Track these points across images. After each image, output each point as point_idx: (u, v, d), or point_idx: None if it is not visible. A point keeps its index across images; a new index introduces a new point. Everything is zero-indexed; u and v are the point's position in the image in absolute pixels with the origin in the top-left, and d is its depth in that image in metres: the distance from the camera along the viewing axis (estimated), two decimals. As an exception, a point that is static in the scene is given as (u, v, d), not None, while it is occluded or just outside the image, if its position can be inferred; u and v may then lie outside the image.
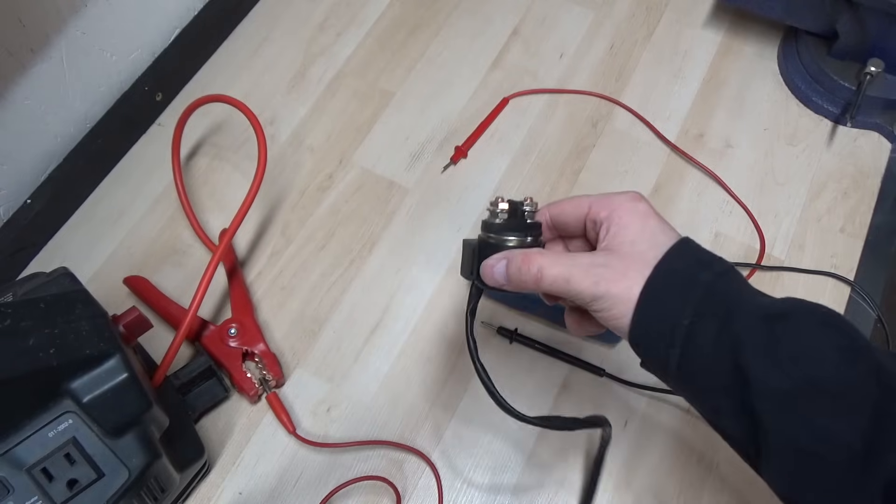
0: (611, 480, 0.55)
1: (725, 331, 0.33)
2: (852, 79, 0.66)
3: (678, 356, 0.34)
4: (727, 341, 0.33)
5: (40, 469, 0.42)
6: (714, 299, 0.34)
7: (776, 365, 0.32)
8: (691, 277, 0.35)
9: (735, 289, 0.35)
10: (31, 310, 0.43)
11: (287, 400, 0.57)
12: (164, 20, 0.71)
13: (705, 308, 0.34)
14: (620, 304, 0.35)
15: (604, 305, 0.35)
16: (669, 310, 0.34)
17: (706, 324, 0.33)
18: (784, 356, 0.32)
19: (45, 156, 0.65)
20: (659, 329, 0.34)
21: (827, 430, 0.31)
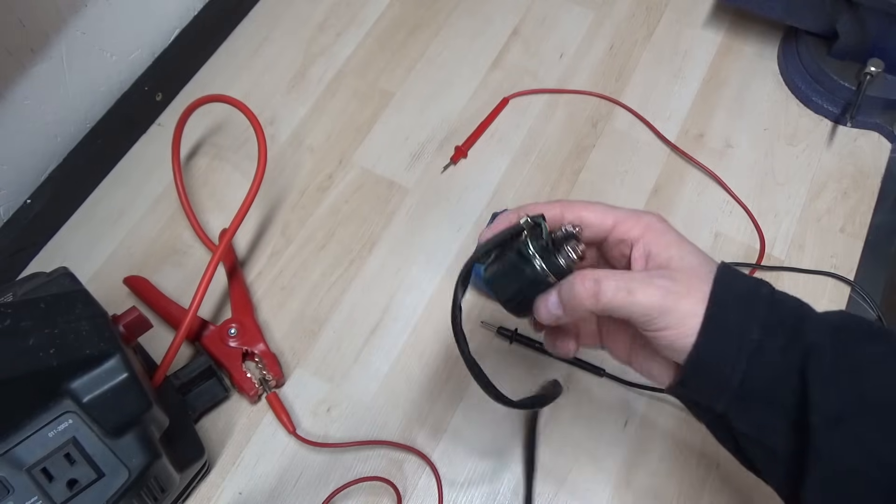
0: (611, 480, 0.55)
1: (794, 345, 0.32)
2: (852, 79, 0.66)
3: (742, 372, 0.33)
4: (796, 355, 0.32)
5: (40, 469, 0.42)
6: (779, 313, 0.33)
7: (838, 381, 0.31)
8: (753, 292, 0.34)
9: (796, 303, 0.34)
10: (31, 310, 0.43)
11: (287, 400, 0.57)
12: (164, 20, 0.71)
13: (772, 322, 0.33)
14: (688, 319, 0.33)
15: (669, 322, 0.33)
16: (736, 325, 0.33)
17: (775, 338, 0.32)
18: (846, 372, 0.31)
19: (45, 156, 0.65)
20: (726, 345, 0.33)
21: (881, 452, 0.30)
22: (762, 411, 0.33)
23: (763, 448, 0.34)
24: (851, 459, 0.31)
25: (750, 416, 0.33)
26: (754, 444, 0.34)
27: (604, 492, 0.54)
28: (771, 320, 0.33)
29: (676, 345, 0.33)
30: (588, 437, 0.56)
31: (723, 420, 0.34)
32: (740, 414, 0.34)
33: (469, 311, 0.61)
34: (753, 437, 0.34)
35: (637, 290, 0.33)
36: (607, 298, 0.33)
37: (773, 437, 0.33)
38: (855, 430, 0.31)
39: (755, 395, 0.33)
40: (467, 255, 0.62)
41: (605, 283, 0.34)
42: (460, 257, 0.63)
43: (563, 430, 0.56)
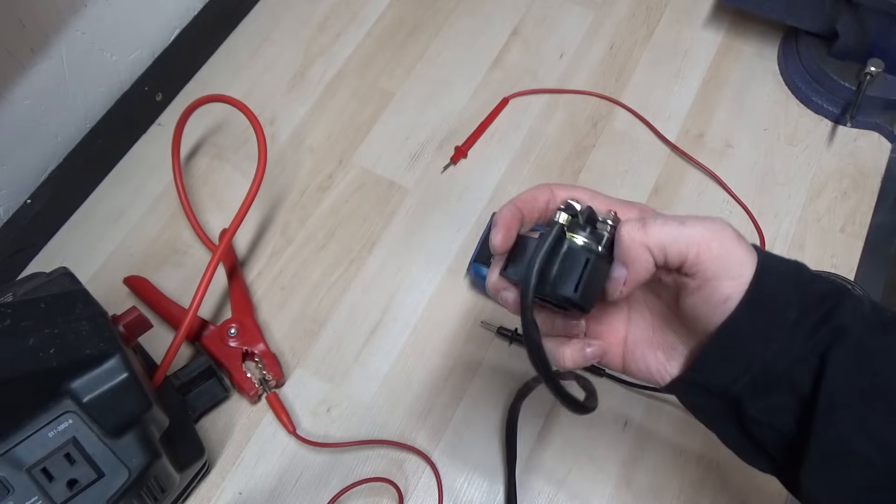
0: (611, 481, 0.55)
1: (824, 327, 0.32)
2: (852, 79, 0.66)
3: (774, 352, 0.32)
4: (824, 338, 0.32)
5: (40, 469, 0.42)
6: (817, 295, 0.33)
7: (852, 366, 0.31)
8: (795, 272, 0.33)
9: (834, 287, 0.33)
10: (31, 310, 0.43)
11: (287, 400, 0.57)
12: (164, 20, 0.71)
13: (810, 303, 0.32)
14: (745, 267, 0.32)
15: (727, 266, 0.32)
16: (778, 300, 0.32)
17: (809, 320, 0.32)
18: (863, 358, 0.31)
19: (45, 156, 0.65)
20: (766, 319, 0.32)
21: (881, 437, 0.30)
22: (777, 392, 0.32)
23: (773, 431, 0.33)
24: (853, 443, 0.31)
25: (765, 399, 0.33)
26: (765, 429, 0.33)
27: (604, 492, 0.54)
28: (810, 301, 0.32)
29: (731, 301, 0.32)
30: (588, 437, 0.56)
31: (732, 406, 0.34)
32: (756, 396, 0.33)
33: (469, 312, 0.61)
34: (764, 421, 0.33)
35: (688, 221, 0.32)
36: (655, 229, 0.32)
37: (785, 419, 0.32)
38: (859, 413, 0.31)
39: (776, 376, 0.32)
40: (467, 254, 0.62)
41: (650, 219, 0.33)
42: (460, 257, 0.63)
43: (563, 431, 0.56)
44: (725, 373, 0.33)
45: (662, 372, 0.36)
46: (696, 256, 0.32)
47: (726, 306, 0.32)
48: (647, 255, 0.32)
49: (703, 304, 0.33)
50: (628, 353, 0.38)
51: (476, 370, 0.59)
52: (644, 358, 0.37)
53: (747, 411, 0.33)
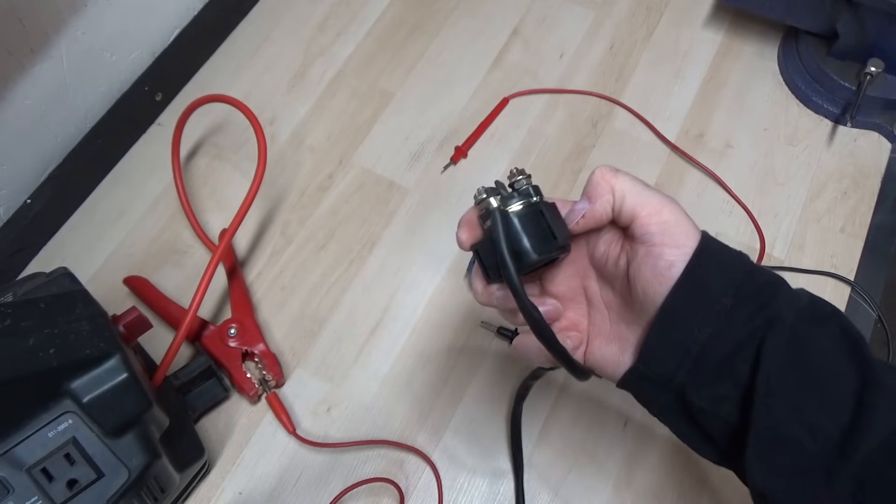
0: (611, 480, 0.55)
1: (759, 316, 0.33)
2: (852, 79, 0.66)
3: (707, 335, 0.33)
4: (759, 327, 0.33)
5: (40, 469, 0.42)
6: (754, 285, 0.34)
7: (787, 355, 0.32)
8: (735, 259, 0.35)
9: (773, 278, 0.35)
10: (31, 310, 0.43)
11: (287, 400, 0.57)
12: (164, 20, 0.71)
13: (747, 292, 0.33)
14: (689, 240, 0.34)
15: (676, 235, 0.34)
16: (713, 284, 0.34)
17: (744, 308, 0.33)
18: (797, 348, 0.33)
19: (45, 156, 0.65)
20: (700, 300, 0.34)
21: (813, 421, 0.32)
22: (719, 382, 0.34)
23: (719, 420, 0.34)
24: (788, 428, 0.32)
25: (707, 388, 0.34)
26: (711, 419, 0.34)
27: (604, 492, 0.54)
28: (746, 289, 0.34)
29: (673, 269, 0.34)
30: (588, 437, 0.56)
31: (679, 398, 0.35)
32: (698, 385, 0.34)
33: (469, 312, 0.61)
34: (710, 411, 0.34)
35: (650, 188, 0.35)
36: (622, 181, 0.35)
37: (728, 409, 0.34)
38: (793, 400, 0.32)
39: (714, 364, 0.34)
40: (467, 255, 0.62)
41: (621, 173, 0.36)
42: (460, 257, 0.63)
43: (564, 431, 0.56)
44: (667, 360, 0.35)
45: (618, 363, 0.38)
46: (648, 216, 0.35)
47: (670, 274, 0.34)
48: (610, 196, 0.35)
49: (650, 272, 0.34)
50: (589, 346, 0.40)
51: (476, 370, 0.59)
52: (601, 350, 0.39)
53: (693, 401, 0.34)
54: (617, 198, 0.35)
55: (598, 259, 0.39)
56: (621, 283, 0.37)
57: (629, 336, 0.38)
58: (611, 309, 0.39)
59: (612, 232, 0.38)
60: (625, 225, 0.36)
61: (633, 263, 0.36)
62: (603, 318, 0.39)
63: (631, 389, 0.38)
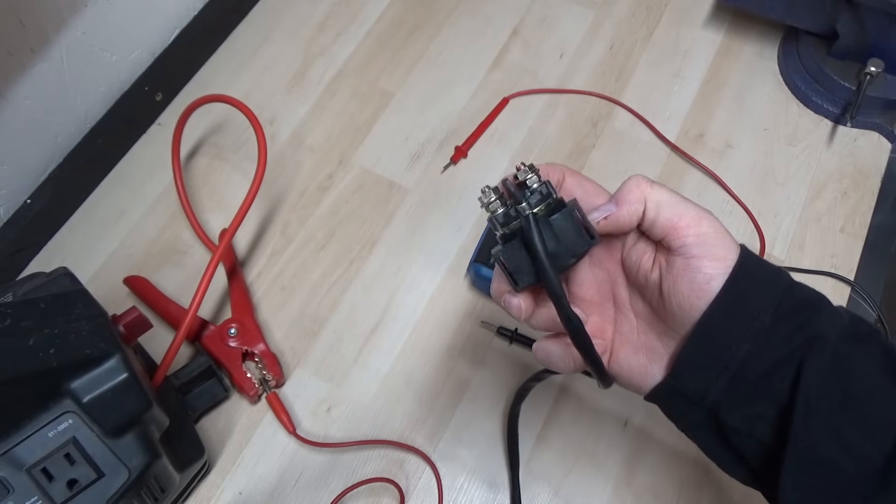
0: (611, 480, 0.55)
1: (800, 335, 0.32)
2: (852, 79, 0.66)
3: (746, 352, 0.32)
4: (800, 346, 0.32)
5: (40, 469, 0.42)
6: (795, 303, 0.33)
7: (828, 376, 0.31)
8: (775, 276, 0.34)
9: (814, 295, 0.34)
10: (31, 310, 0.43)
11: (287, 400, 0.57)
12: (164, 20, 0.71)
13: (787, 309, 0.33)
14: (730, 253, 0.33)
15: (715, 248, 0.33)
16: (753, 301, 0.33)
17: (785, 326, 0.32)
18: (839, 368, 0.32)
19: (45, 156, 0.65)
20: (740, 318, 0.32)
21: (854, 444, 0.31)
22: (756, 401, 0.33)
23: (753, 440, 0.33)
24: (826, 450, 0.31)
25: (742, 407, 0.33)
26: (744, 438, 0.33)
27: (604, 492, 0.54)
28: (786, 306, 0.33)
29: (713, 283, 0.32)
30: (588, 437, 0.56)
31: (712, 416, 0.34)
32: (733, 403, 0.33)
33: (469, 312, 0.61)
34: (743, 431, 0.33)
35: (689, 200, 0.34)
36: (658, 192, 0.34)
37: (763, 428, 0.33)
38: (832, 421, 0.31)
39: (751, 382, 0.33)
40: (467, 254, 0.62)
41: (657, 185, 0.34)
42: (460, 257, 0.63)
43: (564, 431, 0.56)
44: (702, 376, 0.34)
45: (644, 375, 0.36)
46: (686, 228, 0.33)
47: (709, 288, 0.33)
48: (639, 206, 0.34)
49: (687, 286, 0.33)
50: (613, 355, 0.38)
51: (476, 370, 0.59)
52: (627, 360, 0.37)
53: (727, 420, 0.33)
54: (650, 209, 0.34)
55: (629, 267, 0.37)
56: (653, 294, 0.36)
57: (659, 347, 0.36)
58: (640, 318, 0.38)
59: (645, 242, 0.36)
60: (659, 237, 0.34)
61: (669, 277, 0.34)
62: (631, 326, 0.38)
63: (660, 403, 0.36)
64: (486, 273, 0.58)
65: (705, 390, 0.33)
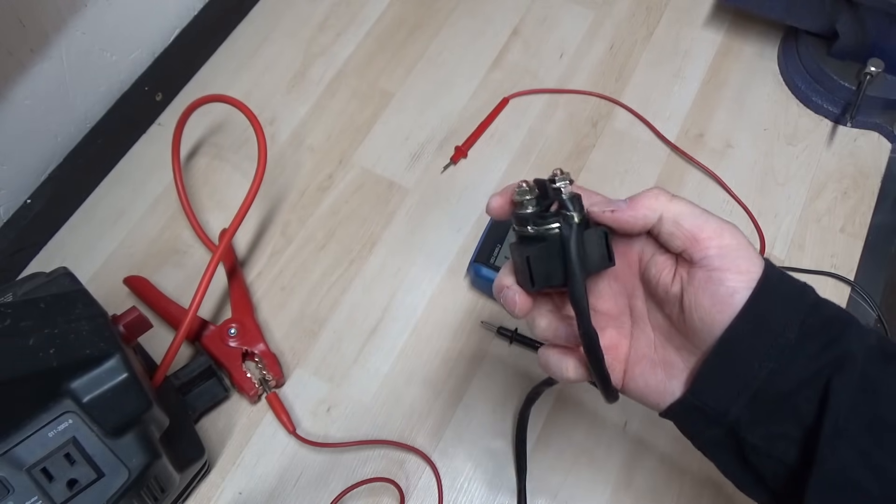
0: (611, 481, 0.55)
1: (827, 353, 0.31)
2: (852, 79, 0.66)
3: (769, 370, 0.31)
4: (827, 364, 0.31)
5: (40, 469, 0.42)
6: (821, 319, 0.32)
7: (857, 396, 0.31)
8: (799, 292, 0.33)
9: (840, 312, 0.33)
10: (31, 310, 0.43)
11: (287, 400, 0.57)
12: (164, 20, 0.71)
13: (812, 327, 0.32)
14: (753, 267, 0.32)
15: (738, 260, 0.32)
16: (777, 319, 0.32)
17: (811, 344, 0.32)
18: (868, 389, 0.31)
19: (45, 156, 0.65)
20: (762, 335, 0.32)
21: (883, 467, 0.30)
22: (778, 420, 0.32)
23: (773, 461, 0.32)
24: (854, 473, 0.30)
25: (764, 426, 0.32)
26: (764, 458, 0.33)
27: (604, 492, 0.54)
28: (811, 324, 0.32)
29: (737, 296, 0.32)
30: (588, 439, 0.56)
31: (731, 435, 0.33)
32: (754, 422, 0.32)
33: (469, 312, 0.61)
34: (763, 450, 0.32)
35: (711, 213, 0.33)
36: (679, 204, 0.33)
37: (786, 449, 0.32)
38: (861, 443, 0.30)
39: (774, 401, 0.32)
40: (467, 254, 0.62)
41: (677, 198, 0.34)
42: (460, 257, 0.63)
43: (564, 431, 0.56)
44: (723, 393, 0.33)
45: (662, 391, 0.36)
46: (708, 240, 0.33)
47: (732, 302, 0.32)
48: (650, 214, 0.34)
49: (710, 300, 0.32)
50: (629, 370, 0.37)
51: (476, 370, 0.59)
52: (644, 376, 0.37)
53: (747, 438, 0.33)
54: (668, 220, 0.34)
55: (648, 280, 0.36)
56: (673, 308, 0.35)
57: (678, 363, 0.35)
58: (658, 332, 0.37)
59: (665, 256, 0.35)
60: (680, 250, 0.34)
61: (690, 290, 0.33)
62: (648, 341, 0.37)
63: (677, 420, 0.36)
64: (486, 273, 0.58)
65: (726, 408, 0.33)
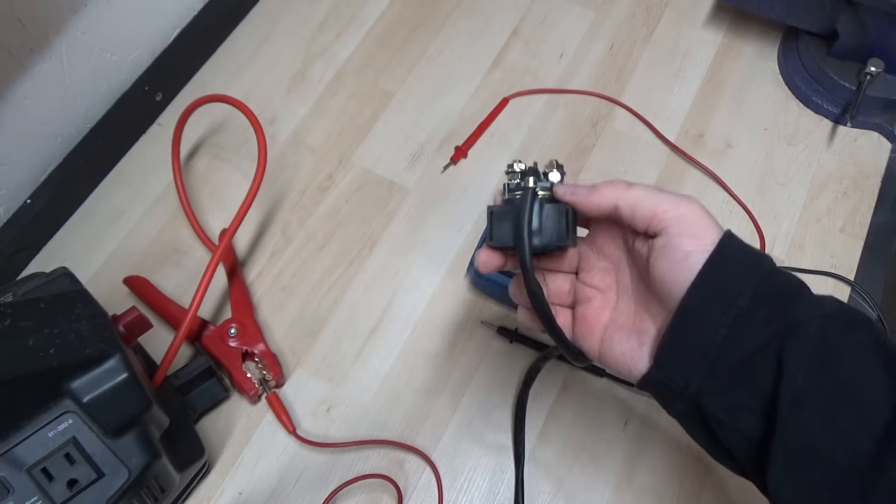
0: (611, 480, 0.55)
1: (777, 320, 0.32)
2: (852, 79, 0.66)
3: (723, 336, 0.33)
4: (778, 332, 0.32)
5: (40, 469, 0.42)
6: (773, 287, 0.33)
7: (813, 364, 0.31)
8: (755, 261, 0.34)
9: (794, 281, 0.34)
10: (31, 310, 0.43)
11: (287, 400, 0.57)
12: (164, 20, 0.71)
13: (765, 293, 0.33)
14: (708, 232, 0.34)
15: (694, 227, 0.34)
16: (731, 284, 0.33)
17: (762, 310, 0.33)
18: (824, 357, 0.31)
19: (45, 156, 0.65)
20: (715, 302, 0.33)
21: (846, 432, 0.31)
22: (736, 391, 0.33)
23: (737, 433, 0.33)
24: (817, 440, 0.31)
25: (724, 397, 0.33)
26: (729, 430, 0.34)
27: (604, 492, 0.54)
28: (763, 291, 0.33)
29: (691, 260, 0.33)
30: (588, 437, 0.56)
31: (695, 406, 0.34)
32: (714, 393, 0.33)
33: (469, 312, 0.61)
34: (727, 423, 0.33)
35: (666, 190, 0.35)
36: (634, 190, 0.35)
37: (747, 420, 0.33)
38: (823, 410, 0.31)
39: (731, 370, 0.33)
40: (467, 254, 0.62)
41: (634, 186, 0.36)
42: (460, 257, 0.63)
43: (564, 431, 0.56)
44: (683, 364, 0.34)
45: (635, 359, 0.37)
46: (664, 212, 0.34)
47: (688, 265, 0.33)
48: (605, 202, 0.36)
49: (667, 263, 0.34)
50: (606, 339, 0.39)
51: (476, 370, 0.59)
52: (620, 344, 0.38)
53: (710, 410, 0.34)
54: (625, 207, 0.36)
55: (633, 257, 0.39)
56: (646, 277, 0.37)
57: (650, 329, 0.37)
58: (638, 303, 0.39)
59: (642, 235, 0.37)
60: (644, 229, 0.36)
61: (653, 256, 0.35)
62: (629, 311, 0.39)
63: (650, 391, 0.37)
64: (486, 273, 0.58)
65: (687, 379, 0.34)
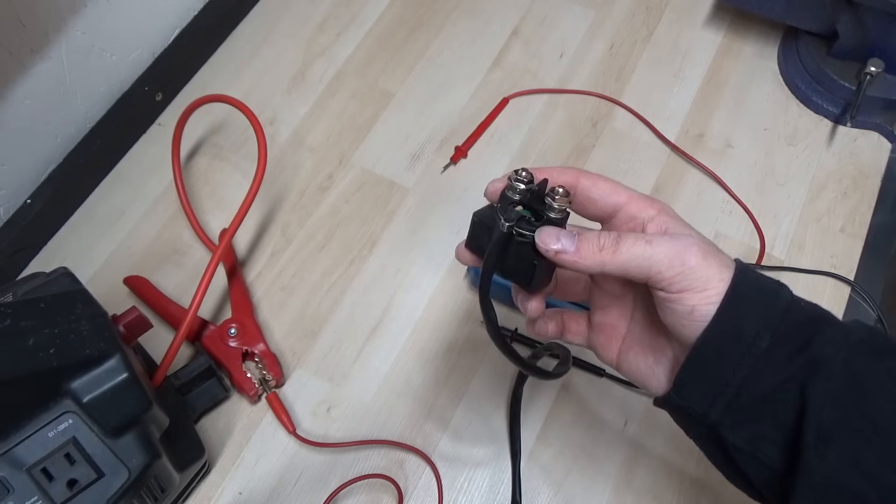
0: (611, 481, 0.55)
1: (799, 357, 0.31)
2: (852, 79, 0.66)
3: (743, 377, 0.32)
4: (800, 369, 0.31)
5: (40, 469, 0.42)
6: (795, 323, 0.32)
7: (840, 398, 0.30)
8: (773, 296, 0.33)
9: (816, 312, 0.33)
10: (31, 310, 0.43)
11: (287, 400, 0.57)
12: (164, 20, 0.71)
13: (786, 331, 0.32)
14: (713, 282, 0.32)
15: (694, 281, 0.32)
16: (749, 325, 0.32)
17: (784, 348, 0.32)
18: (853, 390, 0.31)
19: (45, 156, 0.65)
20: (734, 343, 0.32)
21: (875, 471, 0.30)
22: (757, 423, 0.32)
23: (758, 462, 0.32)
24: (847, 480, 0.30)
25: (744, 428, 0.32)
26: (748, 458, 0.33)
27: (604, 492, 0.54)
28: (784, 329, 0.32)
29: (696, 313, 0.32)
30: (588, 437, 0.56)
31: (714, 432, 0.33)
32: (734, 425, 0.33)
33: (469, 311, 0.61)
34: (747, 451, 0.33)
35: (656, 241, 0.32)
36: (626, 246, 0.32)
37: (768, 450, 0.32)
38: (852, 448, 0.30)
39: (751, 405, 0.32)
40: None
41: (624, 235, 0.33)
42: (460, 257, 0.63)
43: (564, 431, 0.56)
44: (702, 397, 0.33)
45: (651, 377, 0.37)
46: (659, 273, 0.32)
47: (693, 317, 0.32)
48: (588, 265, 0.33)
49: (672, 316, 0.33)
50: (623, 350, 0.38)
51: (476, 370, 0.59)
52: (636, 359, 0.37)
53: (728, 439, 0.33)
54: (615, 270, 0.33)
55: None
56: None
57: (666, 350, 0.36)
58: (654, 317, 0.37)
59: None
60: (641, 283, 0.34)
61: (656, 303, 0.34)
62: (645, 324, 0.38)
63: (668, 412, 0.36)
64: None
65: (705, 410, 0.33)
